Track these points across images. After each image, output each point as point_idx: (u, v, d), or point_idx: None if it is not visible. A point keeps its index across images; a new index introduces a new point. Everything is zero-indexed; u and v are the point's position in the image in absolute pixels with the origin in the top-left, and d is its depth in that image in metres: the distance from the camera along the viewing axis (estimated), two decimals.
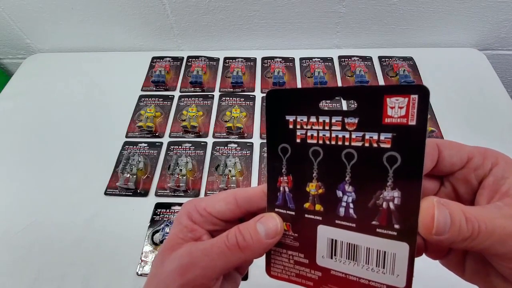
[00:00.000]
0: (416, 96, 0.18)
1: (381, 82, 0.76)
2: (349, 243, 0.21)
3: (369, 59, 0.81)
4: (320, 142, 0.21)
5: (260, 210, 0.24)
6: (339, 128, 0.21)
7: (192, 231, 0.25)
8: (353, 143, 0.20)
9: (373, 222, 0.20)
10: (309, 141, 0.21)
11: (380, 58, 0.81)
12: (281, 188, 0.23)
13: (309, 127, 0.21)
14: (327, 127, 0.21)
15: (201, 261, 0.22)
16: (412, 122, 0.19)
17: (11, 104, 0.78)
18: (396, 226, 0.20)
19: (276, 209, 0.23)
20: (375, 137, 0.20)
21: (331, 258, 0.22)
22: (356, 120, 0.20)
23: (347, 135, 0.20)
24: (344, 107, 0.23)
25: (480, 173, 0.21)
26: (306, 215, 0.22)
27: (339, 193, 0.21)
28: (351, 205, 0.21)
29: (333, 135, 0.21)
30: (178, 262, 0.22)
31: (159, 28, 0.81)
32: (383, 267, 0.20)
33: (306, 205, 0.22)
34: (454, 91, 0.74)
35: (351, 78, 0.77)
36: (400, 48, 0.83)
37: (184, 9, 0.76)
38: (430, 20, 0.77)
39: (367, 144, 0.20)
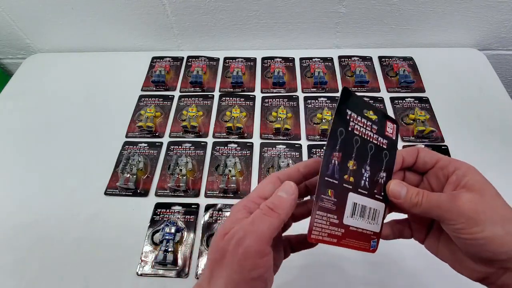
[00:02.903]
0: (395, 125, 0.34)
1: (381, 82, 0.76)
2: (362, 205, 0.31)
3: (369, 59, 0.81)
4: (360, 134, 0.31)
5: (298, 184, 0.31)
6: (369, 129, 0.32)
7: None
8: (373, 141, 0.32)
9: (375, 191, 0.31)
10: (355, 131, 0.30)
11: (380, 58, 0.81)
12: (333, 161, 0.29)
13: (357, 122, 0.31)
14: (366, 126, 0.31)
15: (250, 231, 0.27)
16: (393, 137, 0.34)
17: (11, 104, 0.78)
18: (382, 193, 0.32)
19: (326, 178, 0.29)
20: (382, 140, 0.33)
21: (351, 217, 0.30)
22: (376, 128, 0.32)
23: (372, 135, 0.32)
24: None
25: (445, 172, 0.30)
26: (343, 184, 0.30)
27: (363, 171, 0.31)
28: (367, 179, 0.31)
29: (366, 132, 0.31)
30: (235, 238, 0.27)
31: (159, 28, 0.81)
32: (373, 219, 0.31)
33: (345, 177, 0.30)
34: (454, 91, 0.74)
35: (351, 78, 0.77)
36: (400, 48, 0.83)
37: (184, 9, 0.76)
38: (430, 20, 0.77)
39: (378, 143, 0.32)
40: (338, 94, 0.74)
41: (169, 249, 0.53)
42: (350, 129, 0.30)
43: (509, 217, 0.26)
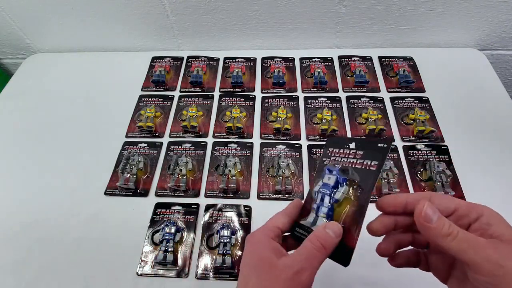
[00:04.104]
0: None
1: (381, 82, 0.76)
2: None
3: (369, 59, 0.81)
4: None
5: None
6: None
7: (276, 249, 0.32)
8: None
9: None
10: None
11: (380, 58, 0.81)
12: None
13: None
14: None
15: (305, 267, 0.29)
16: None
17: (11, 104, 0.78)
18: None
19: None
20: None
21: None
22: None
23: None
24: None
25: (465, 221, 0.28)
26: None
27: None
28: None
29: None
30: (291, 270, 0.29)
31: (159, 28, 0.81)
32: None
33: None
34: (454, 91, 0.74)
35: (351, 78, 0.77)
36: (400, 48, 0.83)
37: (184, 9, 0.76)
38: (430, 20, 0.77)
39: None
40: (338, 94, 0.74)
41: (169, 249, 0.53)
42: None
43: None
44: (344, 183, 0.34)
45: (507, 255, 0.23)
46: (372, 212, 0.33)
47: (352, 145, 0.35)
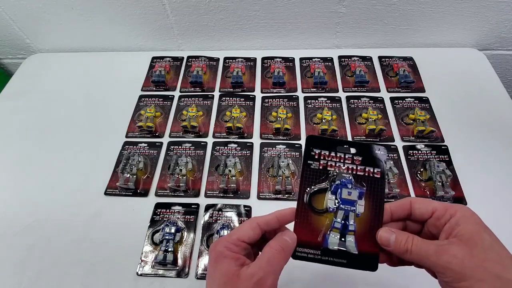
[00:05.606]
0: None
1: (381, 82, 0.76)
2: None
3: (369, 59, 0.81)
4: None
5: (274, 230, 0.34)
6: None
7: (238, 259, 0.31)
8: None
9: None
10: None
11: (380, 58, 0.81)
12: None
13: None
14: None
15: (269, 271, 0.30)
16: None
17: (11, 104, 0.78)
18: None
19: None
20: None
21: None
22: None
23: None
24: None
25: (442, 222, 0.30)
26: None
27: None
28: None
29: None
30: (255, 277, 0.29)
31: (159, 28, 0.81)
32: None
33: None
34: (454, 91, 0.74)
35: (351, 78, 0.77)
36: (400, 48, 0.83)
37: (184, 9, 0.76)
38: (430, 20, 0.77)
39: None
40: (338, 94, 0.74)
41: (169, 249, 0.53)
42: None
43: (498, 274, 0.26)
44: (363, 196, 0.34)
45: (455, 255, 0.27)
46: None
47: (353, 150, 0.35)
